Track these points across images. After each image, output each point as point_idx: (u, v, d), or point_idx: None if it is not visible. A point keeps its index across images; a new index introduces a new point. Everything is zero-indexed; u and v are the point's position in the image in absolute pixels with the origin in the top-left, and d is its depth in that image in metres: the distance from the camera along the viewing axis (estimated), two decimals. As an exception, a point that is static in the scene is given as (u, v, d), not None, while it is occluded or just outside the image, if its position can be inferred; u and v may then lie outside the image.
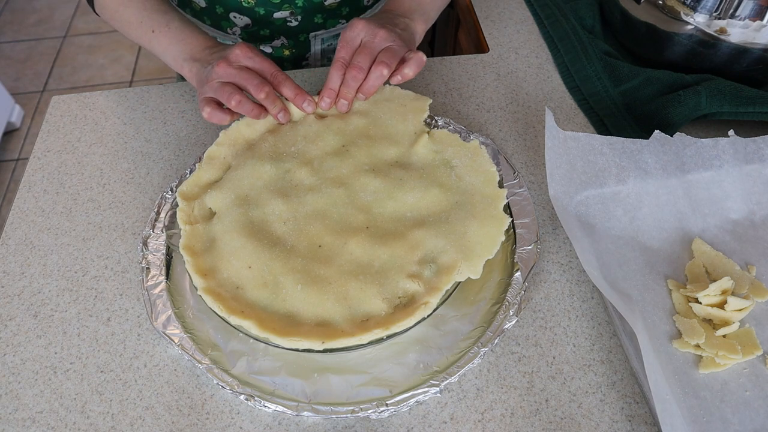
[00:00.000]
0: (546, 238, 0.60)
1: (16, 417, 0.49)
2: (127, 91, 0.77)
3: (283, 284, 0.50)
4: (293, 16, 0.79)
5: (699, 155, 0.60)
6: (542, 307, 0.55)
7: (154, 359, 0.52)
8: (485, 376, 0.50)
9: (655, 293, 0.55)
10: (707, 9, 0.65)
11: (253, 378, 0.49)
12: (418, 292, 0.49)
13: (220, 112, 0.59)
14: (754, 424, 0.46)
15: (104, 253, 0.60)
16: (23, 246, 0.61)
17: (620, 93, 0.71)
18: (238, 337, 0.51)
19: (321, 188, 0.56)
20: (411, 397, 0.47)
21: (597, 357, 0.51)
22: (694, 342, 0.50)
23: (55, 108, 0.75)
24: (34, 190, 0.66)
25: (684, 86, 0.68)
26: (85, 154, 0.70)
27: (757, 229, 0.59)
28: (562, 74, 0.76)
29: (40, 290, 0.57)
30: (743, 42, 0.65)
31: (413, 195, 0.55)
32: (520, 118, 0.71)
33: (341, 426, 0.48)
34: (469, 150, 0.59)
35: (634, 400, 0.49)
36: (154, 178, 0.66)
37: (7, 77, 2.29)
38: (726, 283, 0.52)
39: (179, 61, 0.64)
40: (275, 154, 0.59)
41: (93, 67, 2.33)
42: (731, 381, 0.49)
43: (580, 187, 0.59)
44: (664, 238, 0.59)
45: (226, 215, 0.54)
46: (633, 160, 0.60)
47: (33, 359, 0.53)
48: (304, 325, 0.48)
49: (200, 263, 0.51)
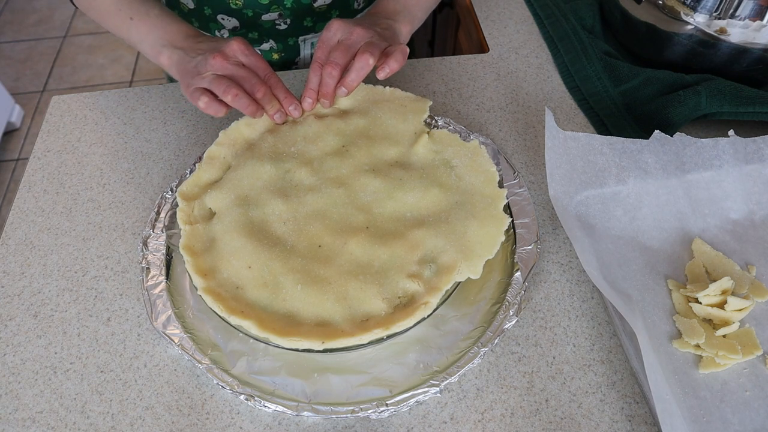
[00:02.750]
0: (546, 238, 0.60)
1: (16, 417, 0.49)
2: (127, 91, 0.77)
3: (283, 284, 0.50)
4: (282, 18, 0.78)
5: (699, 155, 0.60)
6: (542, 307, 0.55)
7: (154, 359, 0.52)
8: (485, 376, 0.50)
9: (655, 293, 0.55)
10: (707, 9, 0.65)
11: (253, 378, 0.49)
12: (418, 292, 0.49)
13: (216, 103, 0.58)
14: (754, 424, 0.46)
15: (104, 253, 0.60)
16: (23, 246, 0.61)
17: (620, 93, 0.71)
18: (238, 337, 0.51)
19: (321, 188, 0.56)
20: (411, 397, 0.47)
21: (597, 357, 0.51)
22: (694, 342, 0.50)
23: (55, 108, 0.75)
24: (34, 190, 0.66)
25: (684, 86, 0.68)
26: (85, 154, 0.70)
27: (757, 229, 0.59)
28: (562, 74, 0.76)
29: (40, 290, 0.57)
30: (743, 42, 0.65)
31: (413, 195, 0.55)
32: (520, 118, 0.71)
33: (341, 426, 0.48)
34: (469, 150, 0.59)
35: (634, 400, 0.49)
36: (154, 178, 0.66)
37: (7, 77, 2.29)
38: (726, 283, 0.52)
39: (157, 47, 0.62)
40: (275, 154, 0.59)
41: (93, 67, 2.33)
42: (731, 381, 0.49)
43: (580, 187, 0.59)
44: (664, 238, 0.59)
45: (226, 215, 0.54)
46: (633, 160, 0.60)
47: (33, 359, 0.53)
48: (304, 325, 0.48)
49: (200, 263, 0.51)
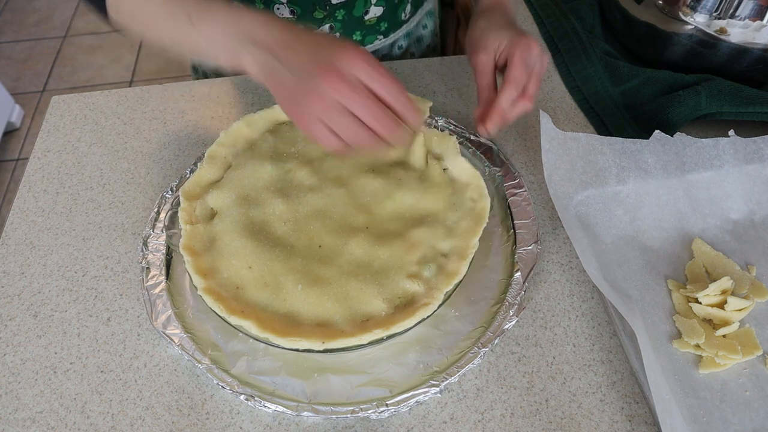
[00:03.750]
0: (546, 238, 0.60)
1: (16, 417, 0.49)
2: (127, 91, 0.77)
3: (284, 284, 0.50)
4: (333, 31, 0.77)
5: (699, 155, 0.60)
6: (542, 307, 0.55)
7: (154, 359, 0.52)
8: (485, 376, 0.50)
9: (655, 293, 0.55)
10: (707, 9, 0.65)
11: (253, 378, 0.49)
12: (418, 293, 0.49)
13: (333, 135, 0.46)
14: (754, 424, 0.46)
15: (104, 253, 0.60)
16: (23, 246, 0.61)
17: (620, 93, 0.71)
18: (238, 337, 0.51)
19: (321, 188, 0.56)
20: (411, 397, 0.47)
21: (597, 357, 0.51)
22: (694, 342, 0.50)
23: (55, 108, 0.75)
24: (34, 190, 0.66)
25: (684, 86, 0.68)
26: (85, 154, 0.70)
27: (757, 229, 0.59)
28: (562, 74, 0.76)
29: (40, 290, 0.57)
30: (743, 42, 0.65)
31: (412, 195, 0.55)
32: (520, 118, 0.71)
33: (341, 426, 0.48)
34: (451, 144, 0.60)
35: (634, 400, 0.49)
36: (154, 178, 0.66)
37: (7, 77, 2.29)
38: (726, 283, 0.52)
39: (234, 48, 0.48)
40: (276, 154, 0.59)
41: (93, 67, 2.33)
42: (731, 381, 0.49)
43: (580, 187, 0.59)
44: (664, 238, 0.59)
45: (227, 215, 0.54)
46: (633, 160, 0.60)
47: (33, 359, 0.53)
48: (304, 326, 0.48)
49: (200, 263, 0.51)
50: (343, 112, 0.44)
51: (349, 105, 0.44)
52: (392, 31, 0.82)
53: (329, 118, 0.44)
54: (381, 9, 0.77)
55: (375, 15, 0.78)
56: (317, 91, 0.44)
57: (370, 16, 0.78)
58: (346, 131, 0.45)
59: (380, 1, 0.77)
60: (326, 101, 0.44)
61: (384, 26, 0.80)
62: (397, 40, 0.85)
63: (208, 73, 0.88)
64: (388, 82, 0.45)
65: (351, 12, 0.75)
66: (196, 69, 0.90)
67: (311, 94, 0.44)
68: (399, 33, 0.84)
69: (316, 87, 0.44)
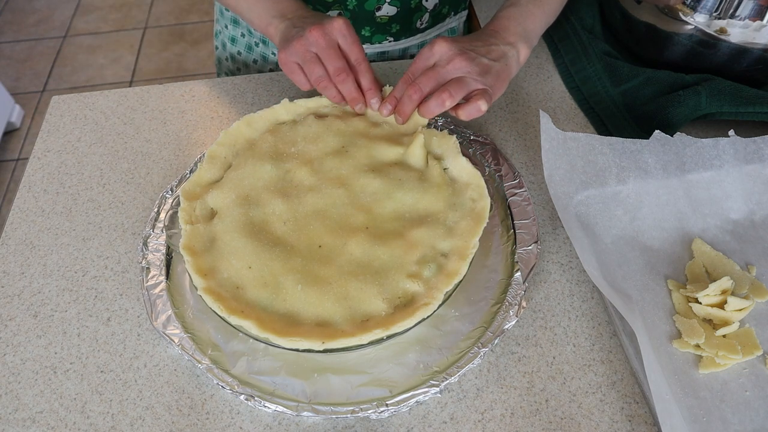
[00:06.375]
0: (546, 238, 0.60)
1: (16, 417, 0.49)
2: (127, 91, 0.77)
3: (283, 284, 0.50)
4: None
5: (699, 155, 0.60)
6: (542, 307, 0.55)
7: (154, 359, 0.52)
8: (485, 376, 0.50)
9: (655, 293, 0.55)
10: (707, 9, 0.65)
11: (253, 378, 0.49)
12: (418, 293, 0.49)
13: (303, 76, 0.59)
14: (754, 424, 0.46)
15: (104, 253, 0.60)
16: (23, 246, 0.61)
17: (620, 93, 0.71)
18: (238, 337, 0.51)
19: (321, 188, 0.56)
20: (411, 397, 0.47)
21: (597, 357, 0.51)
22: (694, 342, 0.50)
23: (55, 108, 0.75)
24: (34, 190, 0.66)
25: (684, 86, 0.68)
26: (85, 154, 0.70)
27: (757, 229, 0.59)
28: (562, 74, 0.76)
29: (40, 290, 0.57)
30: (743, 42, 0.65)
31: (412, 195, 0.55)
32: (520, 118, 0.71)
33: (341, 426, 0.48)
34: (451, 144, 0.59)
35: (634, 400, 0.49)
36: (154, 178, 0.66)
37: (7, 77, 2.29)
38: (726, 283, 0.52)
39: (266, 18, 0.62)
40: (275, 154, 0.59)
41: (93, 67, 2.33)
42: (731, 381, 0.49)
43: (580, 187, 0.59)
44: (664, 238, 0.59)
45: (227, 215, 0.54)
46: (633, 160, 0.60)
47: (33, 359, 0.53)
48: (304, 325, 0.48)
49: (200, 263, 0.51)
50: (315, 60, 0.58)
51: (321, 54, 0.57)
52: (404, 36, 0.82)
53: (304, 62, 0.58)
54: (395, 9, 0.77)
55: (387, 13, 0.77)
56: (302, 39, 0.57)
57: (382, 13, 0.77)
58: (312, 75, 0.58)
59: (395, 1, 0.76)
60: (305, 47, 0.57)
61: (395, 28, 0.80)
62: (409, 48, 0.84)
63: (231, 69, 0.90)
64: (353, 44, 0.58)
65: (363, 4, 0.75)
66: (220, 61, 0.92)
67: (297, 40, 0.58)
68: (412, 41, 0.83)
69: (302, 36, 0.57)
